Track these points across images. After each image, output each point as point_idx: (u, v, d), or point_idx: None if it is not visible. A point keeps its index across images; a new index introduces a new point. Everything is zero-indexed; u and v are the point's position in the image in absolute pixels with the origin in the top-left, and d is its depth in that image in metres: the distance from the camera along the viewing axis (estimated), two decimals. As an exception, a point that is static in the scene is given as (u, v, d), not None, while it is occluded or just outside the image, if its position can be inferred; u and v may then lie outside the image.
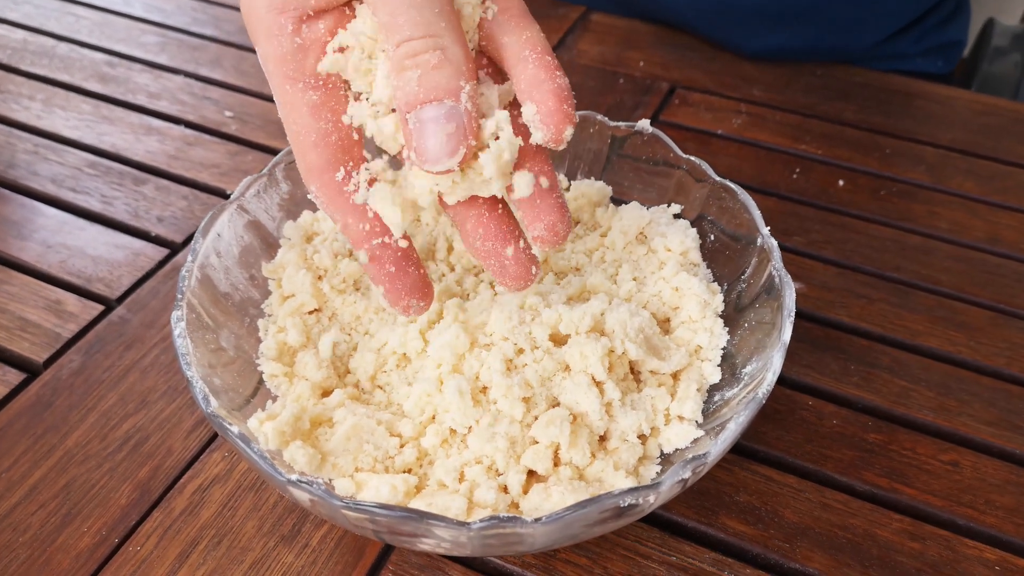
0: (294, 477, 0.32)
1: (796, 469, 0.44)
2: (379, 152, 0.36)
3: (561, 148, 0.34)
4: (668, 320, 0.43)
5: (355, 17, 0.34)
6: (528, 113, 0.33)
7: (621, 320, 0.39)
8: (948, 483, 0.43)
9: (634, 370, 0.41)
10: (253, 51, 0.74)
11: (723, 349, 0.41)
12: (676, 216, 0.47)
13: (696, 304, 0.42)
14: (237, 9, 0.79)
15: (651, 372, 0.40)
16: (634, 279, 0.43)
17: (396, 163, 0.35)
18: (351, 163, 0.35)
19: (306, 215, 0.47)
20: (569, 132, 0.33)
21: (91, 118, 0.65)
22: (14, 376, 0.47)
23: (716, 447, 0.33)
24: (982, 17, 1.04)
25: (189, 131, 0.65)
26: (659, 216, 0.46)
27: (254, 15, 0.34)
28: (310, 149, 0.34)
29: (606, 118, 0.47)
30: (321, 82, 0.34)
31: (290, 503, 0.42)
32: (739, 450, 0.44)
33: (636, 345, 0.39)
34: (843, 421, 0.46)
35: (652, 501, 0.33)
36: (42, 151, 0.62)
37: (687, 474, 0.32)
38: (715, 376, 0.40)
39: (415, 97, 0.31)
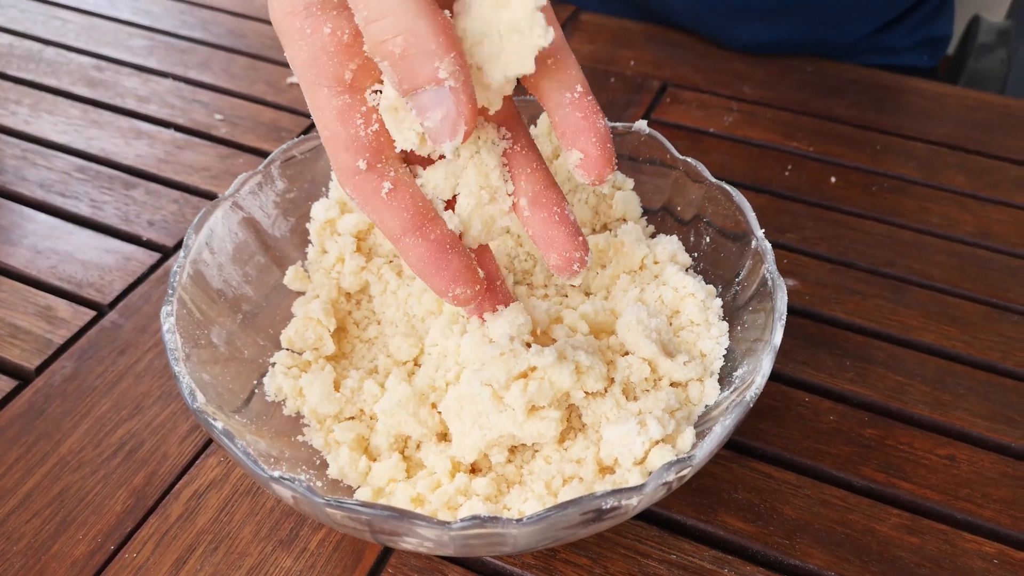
0: (276, 474, 0.32)
1: (794, 465, 0.44)
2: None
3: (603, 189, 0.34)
4: (670, 323, 0.42)
5: None
6: (572, 159, 0.33)
7: (639, 317, 0.39)
8: (945, 477, 0.43)
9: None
10: (241, 53, 0.73)
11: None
12: (652, 236, 0.47)
13: (695, 306, 0.41)
14: (225, 12, 0.79)
15: (658, 378, 0.40)
16: (639, 289, 0.44)
17: None
18: (384, 161, 0.34)
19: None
20: (611, 177, 0.33)
21: (80, 122, 0.65)
22: (5, 383, 0.47)
23: (702, 450, 0.33)
24: (967, 14, 1.04)
25: (179, 134, 0.64)
26: (630, 233, 0.46)
27: (275, 21, 0.33)
28: (341, 151, 0.34)
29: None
30: (346, 86, 0.33)
31: (287, 507, 0.41)
32: (737, 447, 0.44)
33: (650, 342, 0.39)
34: (840, 417, 0.46)
35: (635, 504, 0.32)
36: (30, 156, 0.61)
37: (671, 477, 0.32)
38: (714, 394, 0.39)
39: (399, 87, 0.30)
